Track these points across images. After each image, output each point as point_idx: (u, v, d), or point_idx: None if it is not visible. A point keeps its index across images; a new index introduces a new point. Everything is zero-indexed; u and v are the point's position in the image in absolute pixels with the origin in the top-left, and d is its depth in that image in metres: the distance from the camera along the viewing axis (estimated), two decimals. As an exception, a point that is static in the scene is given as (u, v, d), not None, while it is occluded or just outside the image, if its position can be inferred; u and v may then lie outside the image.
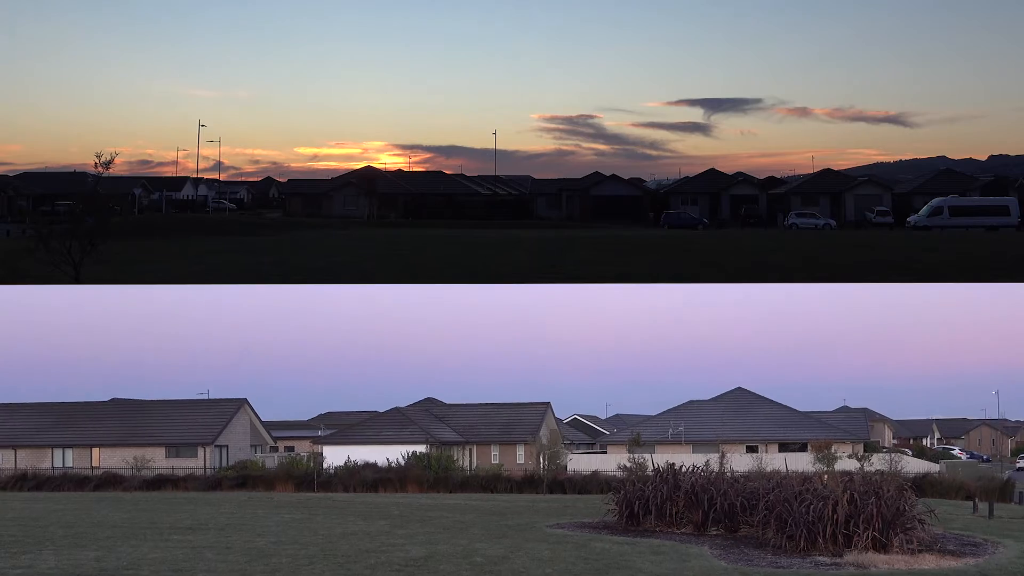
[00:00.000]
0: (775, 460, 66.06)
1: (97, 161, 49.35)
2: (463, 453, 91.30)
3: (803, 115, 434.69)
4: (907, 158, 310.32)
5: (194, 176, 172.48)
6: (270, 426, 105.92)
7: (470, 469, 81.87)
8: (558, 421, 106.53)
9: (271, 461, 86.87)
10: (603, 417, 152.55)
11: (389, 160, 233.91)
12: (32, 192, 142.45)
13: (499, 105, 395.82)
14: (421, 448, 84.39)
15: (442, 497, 54.63)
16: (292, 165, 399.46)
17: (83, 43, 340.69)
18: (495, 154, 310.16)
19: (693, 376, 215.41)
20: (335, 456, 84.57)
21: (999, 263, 66.79)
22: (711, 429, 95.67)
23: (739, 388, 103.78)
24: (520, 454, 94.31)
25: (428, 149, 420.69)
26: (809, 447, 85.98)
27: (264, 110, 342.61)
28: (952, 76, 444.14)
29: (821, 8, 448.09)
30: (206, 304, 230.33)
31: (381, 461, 76.74)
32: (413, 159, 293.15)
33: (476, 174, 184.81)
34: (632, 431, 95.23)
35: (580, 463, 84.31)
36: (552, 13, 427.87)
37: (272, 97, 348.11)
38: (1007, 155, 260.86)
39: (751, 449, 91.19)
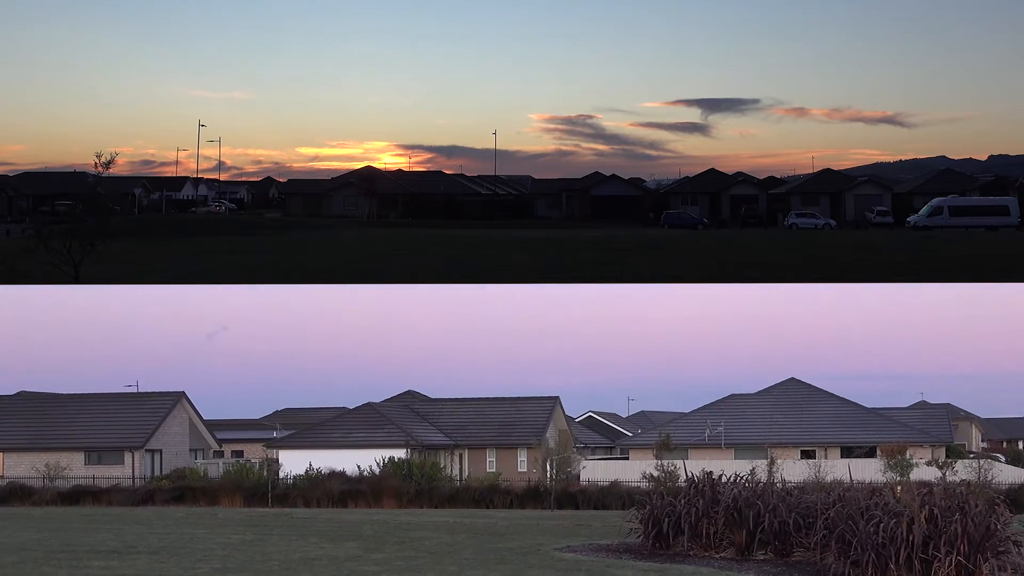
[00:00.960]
0: (836, 468, 57.07)
1: (97, 161, 49.43)
2: (451, 459, 76.47)
3: (802, 116, 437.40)
4: (907, 158, 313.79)
5: (195, 176, 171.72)
6: (214, 426, 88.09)
7: (460, 479, 71.48)
8: (569, 420, 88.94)
9: (215, 469, 73.18)
10: (624, 415, 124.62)
11: (391, 160, 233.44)
12: (32, 192, 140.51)
13: (500, 105, 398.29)
14: (400, 453, 70.78)
15: (426, 513, 49.21)
16: (294, 166, 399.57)
17: (87, 44, 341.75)
18: (495, 154, 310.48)
19: (735, 367, 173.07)
20: (294, 463, 71.53)
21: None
22: (757, 429, 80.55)
23: (792, 379, 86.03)
24: (522, 460, 78.51)
25: (429, 149, 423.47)
26: (878, 452, 71.80)
27: (266, 110, 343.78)
28: (952, 76, 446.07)
29: (821, 9, 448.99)
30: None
31: (350, 469, 66.36)
32: (414, 159, 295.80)
33: (476, 174, 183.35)
34: (660, 432, 76.63)
35: (596, 471, 72.31)
36: (552, 14, 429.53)
37: (274, 98, 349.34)
38: (1007, 155, 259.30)
39: (807, 454, 75.54)
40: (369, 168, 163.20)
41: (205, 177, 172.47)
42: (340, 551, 26.03)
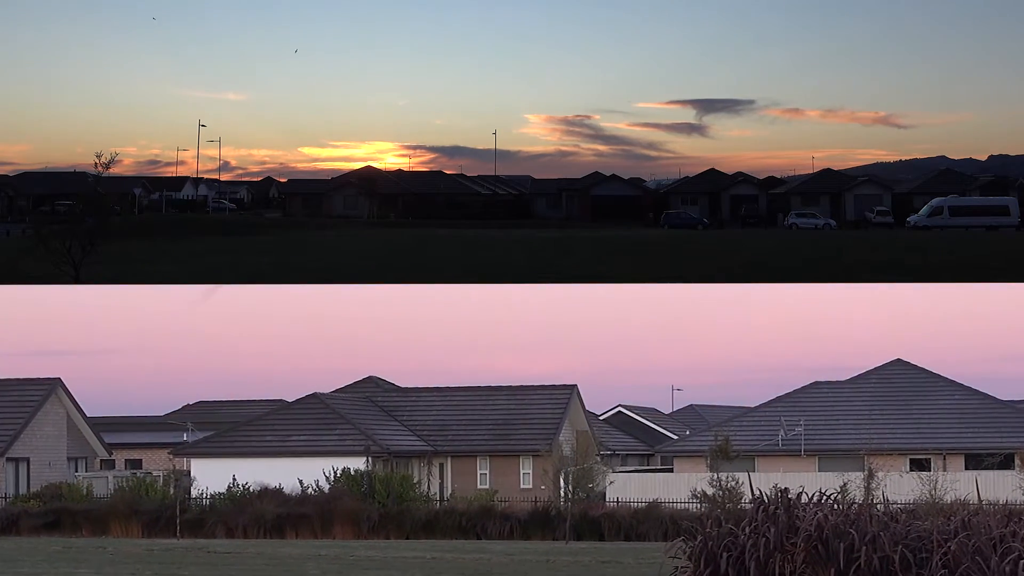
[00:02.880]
0: (960, 483, 40.47)
1: (98, 161, 48.30)
2: (429, 471, 58.97)
3: (801, 116, 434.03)
4: (907, 158, 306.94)
5: (198, 176, 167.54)
6: (102, 426, 68.12)
7: (441, 498, 55.45)
8: (591, 417, 67.12)
9: (103, 485, 55.46)
10: (667, 411, 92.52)
11: (395, 160, 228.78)
12: (32, 192, 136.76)
13: (500, 106, 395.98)
14: (358, 463, 53.26)
15: (394, 546, 38.70)
16: (299, 166, 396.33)
17: (92, 44, 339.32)
18: (495, 154, 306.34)
19: (820, 344, 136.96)
20: (212, 476, 53.45)
21: None
22: (850, 430, 60.42)
23: (899, 361, 65.17)
24: (526, 473, 59.77)
25: (432, 149, 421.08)
26: (1017, 461, 52.82)
27: (267, 111, 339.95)
28: (952, 76, 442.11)
29: (823, 9, 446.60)
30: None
31: (290, 484, 50.51)
32: (417, 160, 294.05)
33: (477, 174, 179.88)
34: (716, 434, 52.25)
35: (628, 488, 54.55)
36: (551, 14, 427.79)
37: (276, 98, 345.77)
38: (1007, 155, 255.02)
39: (918, 464, 57.00)
40: (369, 168, 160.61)
41: (205, 177, 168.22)
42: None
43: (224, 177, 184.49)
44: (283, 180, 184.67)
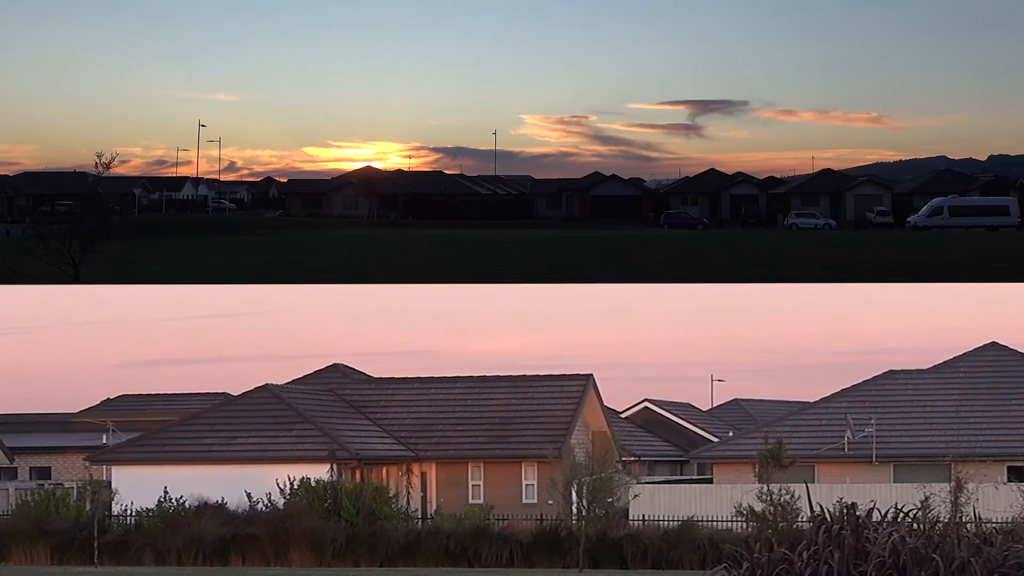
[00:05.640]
0: None
1: (98, 161, 45.48)
2: (409, 481, 46.58)
3: (795, 118, 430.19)
4: (907, 158, 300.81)
5: (203, 176, 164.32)
6: (2, 426, 57.93)
7: (424, 515, 43.16)
8: (610, 415, 54.55)
9: (3, 499, 45.85)
10: (705, 407, 74.55)
11: (399, 161, 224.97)
12: (32, 192, 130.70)
13: (501, 106, 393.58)
14: (320, 471, 41.98)
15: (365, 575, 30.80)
16: (304, 167, 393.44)
17: (98, 46, 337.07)
18: (494, 155, 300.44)
19: (888, 319, 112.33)
20: (138, 487, 42.13)
21: None
22: (932, 431, 47.97)
23: (993, 345, 51.82)
24: (529, 485, 46.76)
25: (436, 150, 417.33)
26: None
27: (269, 111, 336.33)
28: (950, 77, 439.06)
29: (818, 11, 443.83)
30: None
31: (235, 499, 40.05)
32: (421, 160, 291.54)
33: (478, 174, 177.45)
34: (766, 435, 39.55)
35: (657, 502, 43.70)
36: (552, 15, 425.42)
37: (277, 98, 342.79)
38: (1007, 155, 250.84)
39: (1019, 473, 45.37)
40: (369, 168, 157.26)
41: (206, 177, 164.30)
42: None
43: (228, 177, 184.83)
44: (283, 180, 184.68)
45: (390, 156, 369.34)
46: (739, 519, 32.95)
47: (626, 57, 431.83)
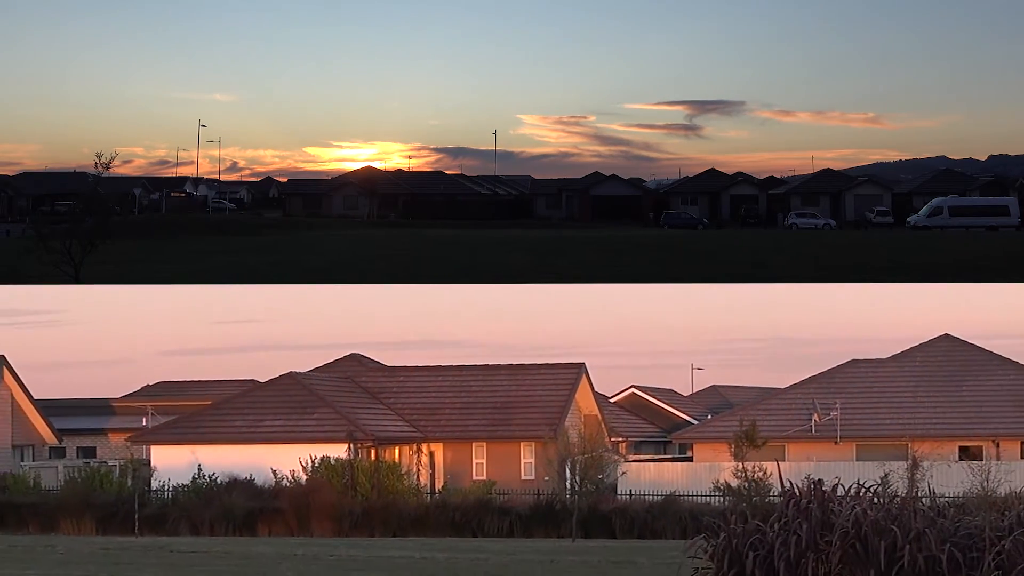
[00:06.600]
0: (1015, 473, 36.00)
1: (98, 161, 46.23)
2: (419, 459, 50.52)
3: (792, 118, 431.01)
4: (907, 158, 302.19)
5: (205, 176, 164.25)
6: (52, 409, 60.25)
7: (432, 490, 47.95)
8: (600, 399, 57.71)
9: (52, 476, 49.24)
10: (685, 393, 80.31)
11: (401, 161, 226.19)
12: (32, 192, 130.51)
13: (501, 106, 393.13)
14: (339, 451, 45.72)
15: (379, 544, 33.87)
16: (305, 167, 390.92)
17: (100, 46, 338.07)
18: (495, 155, 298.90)
19: (855, 319, 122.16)
20: (175, 466, 46.37)
21: None
22: (892, 414, 51.98)
23: (946, 336, 55.91)
24: (527, 463, 50.63)
25: (437, 150, 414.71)
26: None
27: (270, 111, 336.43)
28: (951, 76, 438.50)
29: (818, 11, 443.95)
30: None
31: (262, 476, 43.87)
32: (422, 160, 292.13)
33: (478, 174, 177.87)
34: (741, 418, 46.51)
35: (642, 479, 47.47)
36: (551, 16, 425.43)
37: (280, 99, 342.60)
38: (1007, 155, 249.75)
39: (969, 452, 50.04)
40: (369, 168, 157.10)
41: (206, 177, 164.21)
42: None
43: (230, 177, 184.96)
44: (283, 180, 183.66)
45: (391, 156, 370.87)
46: (717, 494, 36.97)
47: (624, 58, 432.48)
